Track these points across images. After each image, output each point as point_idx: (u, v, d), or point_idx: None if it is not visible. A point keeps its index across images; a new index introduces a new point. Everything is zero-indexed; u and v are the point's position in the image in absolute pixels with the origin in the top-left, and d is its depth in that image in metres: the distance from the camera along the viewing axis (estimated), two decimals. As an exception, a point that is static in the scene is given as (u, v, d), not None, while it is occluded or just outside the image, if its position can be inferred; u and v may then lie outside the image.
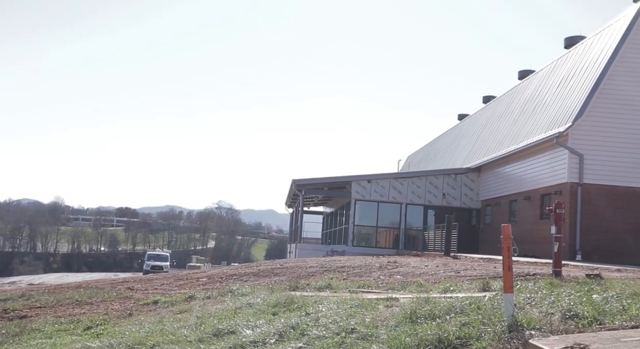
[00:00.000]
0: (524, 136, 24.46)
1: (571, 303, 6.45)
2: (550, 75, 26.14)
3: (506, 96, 33.00)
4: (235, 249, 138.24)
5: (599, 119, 20.08)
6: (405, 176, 31.36)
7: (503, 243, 6.01)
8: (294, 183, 31.47)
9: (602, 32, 22.58)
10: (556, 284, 8.57)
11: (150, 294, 13.39)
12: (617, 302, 6.48)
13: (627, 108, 20.07)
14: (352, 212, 30.14)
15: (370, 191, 30.10)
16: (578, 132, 20.01)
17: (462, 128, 40.47)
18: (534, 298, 7.16)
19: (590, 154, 19.93)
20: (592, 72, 20.87)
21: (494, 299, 7.15)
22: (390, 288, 10.39)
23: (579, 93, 20.94)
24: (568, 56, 25.44)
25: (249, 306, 8.99)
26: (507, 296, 5.78)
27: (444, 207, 29.72)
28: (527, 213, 23.60)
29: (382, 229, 31.13)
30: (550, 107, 23.24)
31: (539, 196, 22.51)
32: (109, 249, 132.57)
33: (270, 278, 14.18)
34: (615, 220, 19.71)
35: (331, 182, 32.29)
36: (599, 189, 19.85)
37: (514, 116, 28.06)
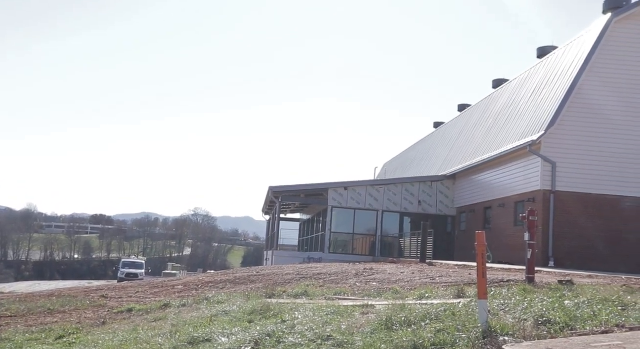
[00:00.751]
0: (498, 144, 24.79)
1: (544, 309, 6.55)
2: (524, 85, 26.57)
3: (481, 104, 33.43)
4: (212, 257, 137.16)
5: (570, 127, 20.46)
6: (382, 184, 31.52)
7: (477, 250, 6.08)
8: (271, 190, 31.42)
9: (573, 43, 23.04)
10: (529, 290, 8.69)
11: (124, 302, 13.23)
12: (588, 308, 6.60)
13: (598, 117, 20.48)
14: (329, 219, 30.18)
15: (347, 198, 30.19)
16: (551, 140, 20.35)
17: (437, 136, 40.86)
18: (508, 304, 7.26)
19: (563, 162, 20.27)
20: (563, 81, 21.27)
21: (469, 306, 7.22)
22: (366, 295, 10.42)
23: (551, 102, 21.31)
24: (541, 66, 25.89)
25: (224, 313, 8.94)
26: (482, 303, 5.85)
27: (420, 214, 29.93)
28: (501, 220, 23.89)
29: (359, 236, 31.21)
30: (524, 116, 23.61)
31: (513, 203, 22.81)
32: (82, 256, 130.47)
33: (246, 285, 14.12)
34: (587, 227, 20.06)
35: (308, 190, 32.31)
36: (571, 197, 20.20)
37: (489, 124, 28.44)
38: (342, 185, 30.46)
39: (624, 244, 19.97)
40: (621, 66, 20.61)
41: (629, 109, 20.43)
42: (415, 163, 42.69)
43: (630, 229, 20.03)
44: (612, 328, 5.81)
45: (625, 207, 20.15)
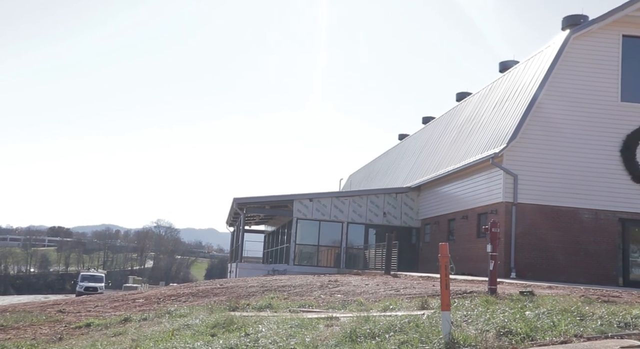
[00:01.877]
0: (462, 157, 25.16)
1: (505, 319, 6.62)
2: (486, 98, 27.08)
3: (445, 117, 33.92)
4: (174, 269, 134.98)
5: (531, 141, 20.89)
6: (347, 195, 31.60)
7: (441, 262, 6.12)
8: (235, 202, 31.17)
9: (533, 58, 23.61)
10: (492, 301, 8.79)
11: (82, 316, 12.87)
12: (548, 318, 6.70)
13: (557, 131, 20.97)
14: (294, 231, 30.08)
15: (312, 210, 30.15)
16: (512, 153, 20.74)
17: (402, 148, 41.26)
18: (471, 315, 7.31)
19: (524, 174, 20.67)
20: (524, 96, 21.75)
21: (432, 317, 7.25)
22: (331, 307, 10.38)
23: (512, 116, 21.75)
24: (503, 80, 26.44)
25: (187, 327, 8.78)
26: (445, 314, 5.88)
27: (385, 226, 30.08)
28: (464, 232, 24.18)
29: (324, 247, 31.17)
30: (487, 129, 24.03)
31: (476, 215, 23.12)
32: (39, 270, 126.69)
33: (209, 298, 13.92)
34: (547, 238, 20.46)
35: (273, 201, 32.17)
36: (532, 209, 20.58)
37: (452, 137, 28.85)
38: (307, 196, 30.43)
39: (582, 255, 20.43)
40: (579, 81, 21.19)
41: (586, 123, 20.99)
42: (380, 175, 42.98)
43: (588, 241, 20.50)
44: (571, 338, 5.90)
45: (583, 219, 20.63)
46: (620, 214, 20.68)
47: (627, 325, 6.54)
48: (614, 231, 20.67)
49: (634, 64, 21.52)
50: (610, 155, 20.86)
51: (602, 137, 20.93)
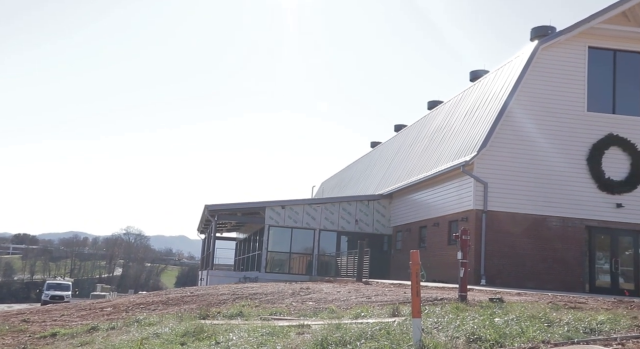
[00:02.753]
0: (433, 164, 25.39)
1: (475, 326, 6.67)
2: (457, 107, 27.41)
3: (416, 125, 34.23)
4: (144, 277, 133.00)
5: (501, 149, 21.20)
6: (319, 202, 31.61)
7: (412, 269, 6.15)
8: (207, 208, 30.92)
9: (503, 67, 24.01)
10: (462, 308, 8.86)
11: (48, 326, 12.58)
12: (516, 325, 6.77)
13: (526, 140, 21.32)
14: (266, 238, 29.95)
15: (284, 217, 30.07)
16: (483, 161, 21.01)
17: (374, 155, 41.48)
18: (441, 322, 7.36)
19: (494, 182, 20.95)
20: (494, 105, 22.08)
21: (403, 324, 7.28)
22: (302, 315, 10.34)
23: (483, 124, 22.05)
24: (473, 89, 26.81)
25: (156, 336, 8.65)
26: (415, 321, 5.90)
27: (357, 233, 30.16)
28: (435, 239, 24.37)
29: (296, 255, 31.11)
30: (458, 137, 24.31)
31: (447, 222, 23.33)
32: (3, 278, 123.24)
33: (179, 306, 13.75)
34: (517, 245, 20.74)
35: (245, 208, 32.00)
36: (502, 216, 20.85)
37: (424, 145, 29.12)
38: (280, 203, 30.35)
39: (551, 262, 20.76)
40: (547, 91, 21.60)
41: (554, 132, 21.39)
42: (352, 182, 43.11)
43: (556, 248, 20.85)
44: (539, 344, 5.98)
45: (551, 226, 20.98)
46: (587, 222, 21.09)
47: (593, 331, 6.66)
48: (581, 238, 21.07)
49: (600, 75, 22.04)
50: (577, 164, 21.28)
51: (569, 146, 21.36)
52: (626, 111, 21.93)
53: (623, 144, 21.43)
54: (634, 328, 6.86)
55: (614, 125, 21.59)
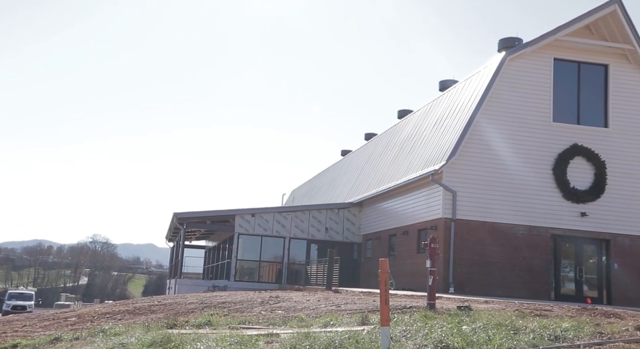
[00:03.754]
0: (403, 173, 25.58)
1: (443, 334, 6.72)
2: (427, 116, 27.71)
3: (386, 133, 34.48)
4: (111, 286, 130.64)
5: (470, 158, 21.48)
6: (289, 210, 31.54)
7: (380, 277, 6.17)
8: (175, 216, 30.57)
9: (471, 78, 24.38)
10: (430, 316, 8.92)
11: (8, 337, 12.23)
12: (483, 332, 6.84)
13: (493, 149, 21.64)
14: (235, 246, 29.74)
15: (254, 225, 29.91)
16: (451, 170, 21.25)
17: (345, 164, 41.62)
18: (410, 330, 7.39)
19: (463, 191, 21.19)
20: (463, 114, 22.39)
21: (372, 333, 7.28)
22: (271, 324, 10.27)
23: (452, 134, 22.33)
24: (442, 99, 27.15)
25: (122, 346, 8.49)
26: (384, 330, 5.91)
27: (327, 241, 30.16)
28: (405, 247, 24.52)
29: (265, 263, 30.95)
30: (427, 146, 24.56)
31: (416, 230, 23.49)
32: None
33: (146, 316, 13.52)
34: (485, 254, 20.99)
35: (214, 216, 31.74)
36: (470, 225, 21.10)
37: (394, 153, 29.33)
38: (249, 211, 30.19)
39: (518, 270, 21.06)
40: (514, 102, 21.98)
41: (521, 142, 21.77)
42: (323, 190, 43.15)
43: (523, 256, 21.16)
44: (507, 352, 6.04)
45: (518, 234, 21.31)
46: (552, 230, 21.47)
47: (557, 338, 6.77)
48: (547, 246, 21.44)
49: (565, 86, 22.55)
50: (543, 173, 21.69)
51: (536, 155, 21.76)
52: (590, 122, 22.47)
53: (587, 154, 21.92)
54: (596, 335, 7.00)
55: (579, 135, 22.09)
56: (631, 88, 22.72)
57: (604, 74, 22.78)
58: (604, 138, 22.24)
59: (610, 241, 21.76)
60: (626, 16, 21.87)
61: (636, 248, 21.86)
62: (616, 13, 21.86)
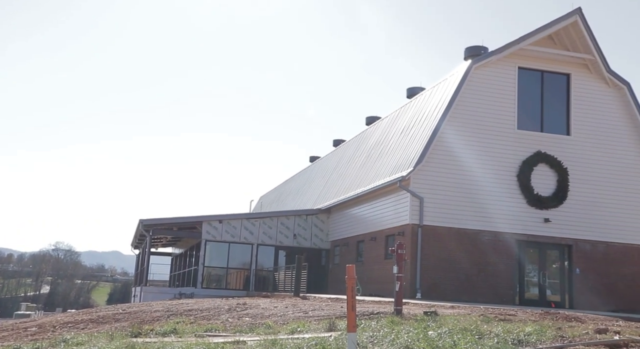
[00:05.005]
0: (371, 179, 25.71)
1: (409, 340, 6.75)
2: (395, 123, 27.94)
3: (355, 140, 34.62)
4: (74, 295, 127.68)
5: (436, 165, 21.70)
6: (257, 217, 31.37)
7: (347, 283, 6.17)
8: (141, 223, 30.10)
9: (438, 86, 24.69)
10: (397, 322, 8.95)
11: (-36, 348, 11.82)
12: (449, 337, 6.89)
13: (460, 156, 21.91)
14: (202, 253, 29.42)
15: (221, 232, 29.66)
16: (419, 177, 21.43)
17: (313, 170, 41.63)
18: (376, 336, 7.40)
19: (430, 197, 21.38)
20: (430, 122, 22.63)
21: (339, 339, 7.27)
22: (238, 331, 10.18)
23: (419, 140, 22.54)
24: (410, 106, 27.41)
25: (83, 356, 8.29)
26: (350, 336, 5.91)
27: (295, 247, 30.08)
28: (373, 253, 24.60)
29: (233, 270, 30.69)
30: (395, 152, 24.74)
31: (384, 236, 23.60)
32: None
33: (110, 324, 13.25)
34: (451, 259, 21.20)
35: (181, 223, 31.36)
36: (437, 231, 21.29)
37: (362, 160, 29.47)
38: (217, 218, 29.92)
39: (483, 275, 21.33)
40: (480, 109, 22.32)
41: (487, 149, 22.09)
42: (291, 196, 43.06)
43: (488, 262, 21.45)
44: (472, 356, 6.10)
45: (484, 240, 21.59)
46: (517, 236, 21.82)
47: (521, 342, 6.86)
48: (512, 252, 21.76)
49: (529, 94, 23.00)
50: (508, 179, 22.04)
51: (501, 162, 22.11)
52: (553, 130, 22.95)
53: (550, 161, 22.38)
54: (558, 339, 7.12)
55: (542, 143, 22.54)
56: (592, 97, 23.30)
57: (566, 83, 23.32)
58: (566, 145, 22.74)
59: (573, 246, 22.22)
60: (587, 27, 22.45)
61: (597, 253, 22.38)
62: (577, 24, 22.42)
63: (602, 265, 22.26)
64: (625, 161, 23.11)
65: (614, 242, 22.54)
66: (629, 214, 22.79)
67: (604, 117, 23.25)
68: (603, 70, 22.98)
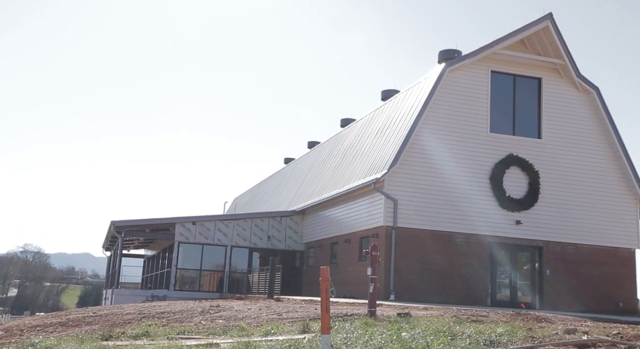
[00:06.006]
0: (345, 181, 25.76)
1: (383, 341, 6.77)
2: (369, 125, 28.05)
3: (329, 142, 34.67)
4: (43, 297, 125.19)
5: (410, 167, 21.84)
6: (231, 218, 31.19)
7: (321, 285, 6.17)
8: (113, 224, 29.69)
9: (412, 88, 24.87)
10: (371, 323, 8.98)
11: None
12: (422, 339, 6.94)
13: (434, 159, 22.10)
14: (175, 254, 29.13)
15: (194, 233, 29.41)
16: (393, 179, 21.54)
17: (288, 172, 41.56)
18: (350, 338, 7.41)
19: (404, 199, 21.51)
20: (404, 124, 22.78)
21: (313, 341, 7.26)
22: (211, 333, 10.10)
23: (393, 143, 22.66)
24: (384, 108, 27.55)
25: (52, 360, 8.13)
26: (324, 338, 5.91)
27: (269, 249, 29.98)
28: (347, 255, 24.65)
29: (207, 272, 30.46)
30: (369, 154, 24.84)
31: (358, 238, 23.67)
32: None
33: (80, 328, 13.04)
34: (425, 261, 21.35)
35: (154, 224, 31.02)
36: (411, 233, 21.42)
37: (337, 162, 29.51)
38: (190, 219, 29.67)
39: (456, 277, 21.52)
40: (453, 112, 22.55)
41: (460, 152, 22.32)
42: (265, 198, 42.93)
43: (461, 263, 21.65)
44: (444, 357, 6.14)
45: (457, 242, 21.80)
46: (489, 238, 22.08)
47: (492, 343, 6.94)
48: (484, 253, 22.02)
49: (501, 98, 23.31)
50: (481, 182, 22.30)
51: (474, 165, 22.35)
52: (525, 133, 23.30)
53: (522, 164, 22.71)
54: (529, 339, 7.22)
55: (514, 146, 22.86)
56: (562, 101, 23.72)
57: (537, 87, 23.70)
58: (537, 148, 23.10)
59: (543, 248, 22.58)
60: (557, 32, 22.85)
61: (567, 255, 22.77)
62: (548, 29, 22.81)
63: (571, 266, 22.66)
64: (594, 164, 23.57)
65: (583, 244, 22.97)
66: (597, 216, 23.25)
67: (574, 121, 23.68)
68: (573, 75, 23.42)
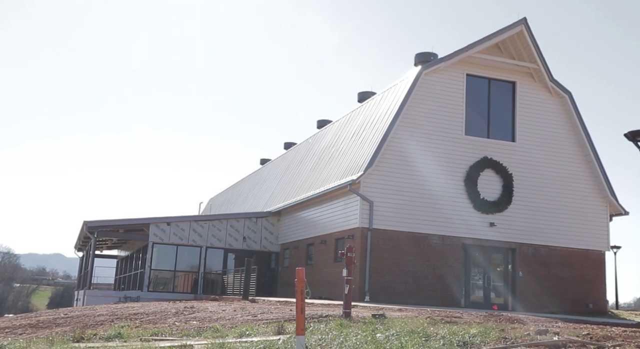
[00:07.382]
0: (321, 183, 25.77)
1: (357, 342, 6.79)
2: (346, 126, 28.11)
3: (306, 143, 34.66)
4: (12, 299, 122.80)
5: (386, 169, 21.94)
6: (206, 219, 30.99)
7: (297, 286, 6.16)
8: (86, 225, 29.26)
9: (389, 90, 24.99)
10: (346, 324, 8.99)
11: None
12: (396, 340, 6.97)
13: (409, 161, 22.23)
14: (149, 255, 28.83)
15: (169, 234, 29.14)
16: (369, 180, 21.61)
17: (264, 172, 41.44)
18: (325, 339, 7.41)
19: (379, 201, 21.60)
20: (380, 126, 22.87)
21: (288, 342, 7.25)
22: (185, 335, 10.01)
23: (369, 145, 22.74)
24: (361, 110, 27.64)
25: (21, 363, 7.98)
26: (299, 339, 5.90)
27: (245, 250, 29.84)
28: (323, 256, 24.66)
29: (181, 273, 30.20)
30: (346, 156, 24.89)
31: (334, 239, 23.69)
32: None
33: (51, 329, 12.81)
34: (400, 262, 21.46)
35: (127, 225, 30.64)
36: (386, 234, 21.51)
37: (313, 163, 29.51)
38: (165, 220, 29.39)
39: (431, 278, 21.67)
40: (429, 115, 22.72)
41: (435, 154, 22.49)
42: (241, 199, 42.74)
43: (436, 265, 21.81)
44: (418, 358, 6.17)
45: (432, 244, 21.95)
46: (463, 240, 22.29)
47: (466, 344, 7.00)
48: (459, 255, 22.21)
49: (476, 101, 23.55)
50: (456, 184, 22.49)
51: (449, 167, 22.54)
52: (499, 136, 23.58)
53: (496, 166, 22.98)
54: (501, 340, 7.30)
55: (489, 149, 23.11)
56: (536, 105, 24.06)
57: (512, 91, 24.00)
58: (511, 152, 23.39)
59: (516, 250, 22.86)
60: (531, 37, 23.18)
61: (539, 257, 23.09)
62: (522, 33, 23.13)
63: (544, 268, 22.98)
64: (567, 168, 23.95)
65: (555, 247, 23.32)
66: (569, 219, 23.62)
67: (547, 124, 24.04)
68: (546, 79, 23.77)
